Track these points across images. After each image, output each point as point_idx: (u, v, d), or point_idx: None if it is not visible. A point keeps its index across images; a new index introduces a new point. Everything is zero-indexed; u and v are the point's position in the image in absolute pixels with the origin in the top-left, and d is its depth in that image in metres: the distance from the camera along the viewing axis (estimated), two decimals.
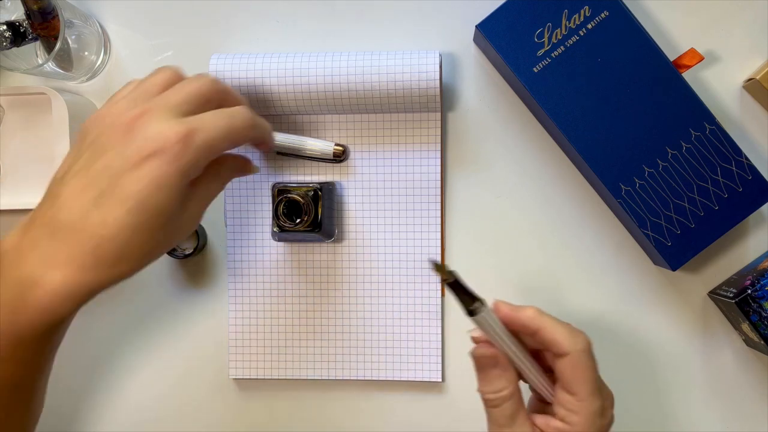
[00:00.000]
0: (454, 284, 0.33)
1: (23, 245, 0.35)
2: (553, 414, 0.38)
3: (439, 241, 0.52)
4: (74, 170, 0.36)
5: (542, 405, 0.40)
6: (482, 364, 0.38)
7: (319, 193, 0.49)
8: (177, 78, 0.39)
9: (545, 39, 0.48)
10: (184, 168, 0.35)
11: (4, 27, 0.49)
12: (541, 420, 0.38)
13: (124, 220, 0.34)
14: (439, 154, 0.52)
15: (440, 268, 0.32)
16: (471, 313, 0.33)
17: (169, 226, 0.36)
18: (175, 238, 0.38)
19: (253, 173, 0.46)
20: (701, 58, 0.48)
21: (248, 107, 0.41)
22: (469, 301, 0.33)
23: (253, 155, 0.53)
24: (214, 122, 0.37)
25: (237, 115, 0.39)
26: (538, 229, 0.53)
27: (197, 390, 0.55)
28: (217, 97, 0.39)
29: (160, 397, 0.55)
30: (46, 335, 0.35)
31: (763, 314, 0.46)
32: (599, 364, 0.53)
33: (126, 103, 0.37)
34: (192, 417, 0.55)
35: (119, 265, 0.35)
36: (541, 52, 0.48)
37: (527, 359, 0.38)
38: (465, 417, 0.54)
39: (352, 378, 0.53)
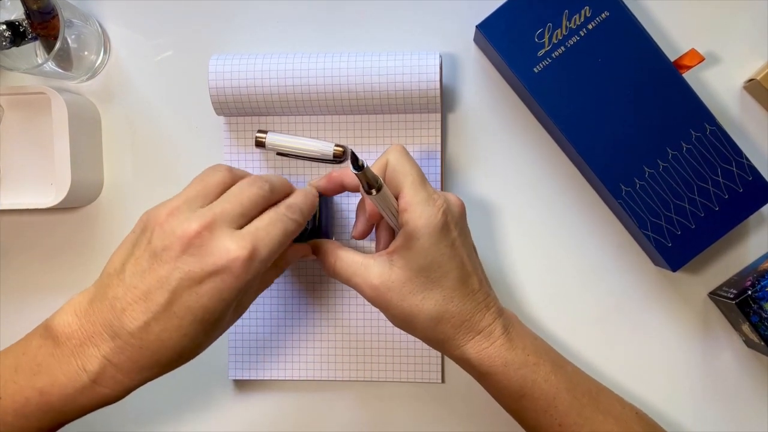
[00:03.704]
0: (366, 171, 0.38)
1: (84, 336, 0.36)
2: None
3: None
4: (131, 272, 0.36)
5: None
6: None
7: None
8: (231, 179, 0.40)
9: (546, 39, 0.48)
10: (246, 283, 0.36)
11: (4, 27, 0.49)
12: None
13: (184, 331, 0.36)
14: (439, 155, 0.52)
15: (356, 159, 0.37)
16: (378, 190, 0.39)
17: (224, 327, 0.39)
18: (225, 330, 0.40)
19: (311, 258, 0.47)
20: (702, 59, 0.48)
21: (297, 195, 0.42)
22: (374, 183, 0.39)
23: (253, 156, 0.53)
24: (272, 233, 0.37)
25: (289, 216, 0.39)
26: (539, 230, 0.53)
27: (196, 391, 0.55)
28: (267, 203, 0.40)
29: (158, 398, 0.55)
30: (91, 411, 0.38)
31: (764, 315, 0.46)
32: (599, 366, 0.53)
33: (187, 208, 0.37)
34: (191, 418, 0.55)
35: (176, 363, 0.38)
36: (541, 53, 0.48)
37: (393, 223, 0.44)
38: (464, 418, 0.54)
39: (351, 379, 0.53)
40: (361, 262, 0.43)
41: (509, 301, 0.53)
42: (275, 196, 0.40)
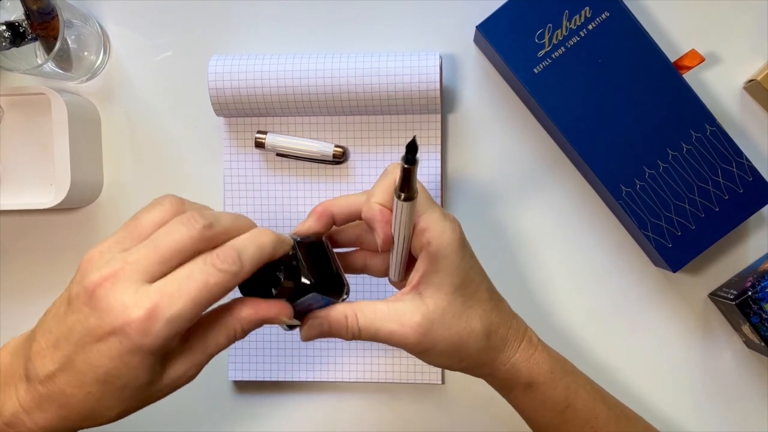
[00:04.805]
0: (410, 171, 0.33)
1: (8, 375, 0.34)
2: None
3: None
4: (52, 314, 0.34)
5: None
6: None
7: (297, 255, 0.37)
8: (171, 215, 0.34)
9: (546, 40, 0.48)
10: (149, 347, 0.31)
11: (4, 27, 0.49)
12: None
13: (88, 389, 0.32)
14: (439, 156, 0.52)
15: (416, 148, 0.31)
16: (408, 199, 0.34)
17: (142, 394, 0.34)
18: (153, 400, 0.35)
19: (281, 321, 0.37)
20: (702, 60, 0.48)
21: (242, 237, 0.34)
22: (413, 188, 0.34)
23: (253, 157, 0.53)
24: (184, 288, 0.32)
25: (217, 267, 0.32)
26: (538, 230, 0.53)
27: (196, 391, 0.55)
28: (204, 245, 0.33)
29: None
30: None
31: (764, 316, 0.46)
32: (599, 367, 0.53)
33: (109, 251, 0.33)
34: (190, 418, 0.55)
35: (88, 422, 0.34)
36: (541, 53, 0.48)
37: (405, 246, 0.39)
38: (464, 419, 0.54)
39: (351, 380, 0.53)
40: (388, 308, 0.38)
41: (506, 298, 0.53)
42: (216, 237, 0.33)
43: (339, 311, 0.38)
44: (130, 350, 0.31)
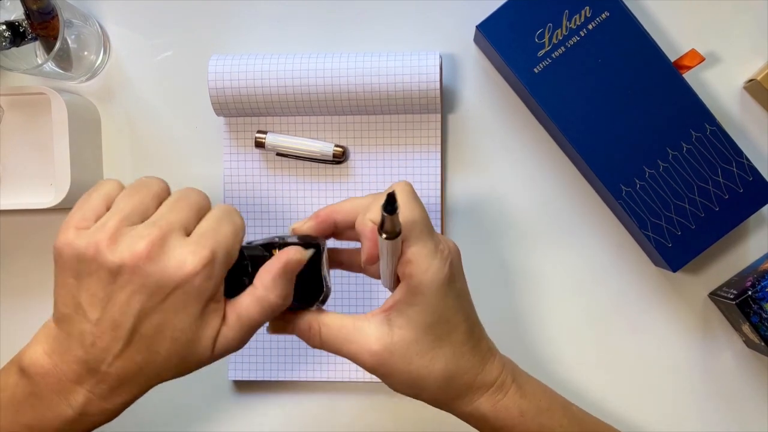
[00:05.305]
0: (395, 217, 0.33)
1: (60, 375, 0.35)
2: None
3: None
4: (89, 305, 0.34)
5: None
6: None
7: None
8: (167, 189, 0.38)
9: (546, 39, 0.48)
10: (210, 292, 0.34)
11: (4, 27, 0.49)
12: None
13: (155, 349, 0.35)
14: (439, 156, 0.52)
15: (395, 200, 0.31)
16: (391, 237, 0.34)
17: (198, 353, 0.36)
18: (202, 363, 0.37)
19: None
20: (702, 59, 0.48)
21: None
22: (395, 228, 0.34)
23: (253, 156, 0.53)
24: (224, 230, 0.35)
25: (230, 211, 0.37)
26: (539, 230, 0.53)
27: (196, 391, 0.55)
28: (207, 204, 0.37)
29: (157, 398, 0.55)
30: None
31: (764, 316, 0.46)
32: (598, 367, 0.53)
33: (126, 227, 0.34)
34: (190, 418, 0.55)
35: (158, 380, 0.37)
36: (541, 53, 0.48)
37: (392, 270, 0.38)
38: None
39: (352, 380, 0.53)
40: (353, 326, 0.38)
41: (508, 304, 0.53)
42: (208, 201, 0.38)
43: (305, 320, 0.39)
44: (196, 299, 0.34)
